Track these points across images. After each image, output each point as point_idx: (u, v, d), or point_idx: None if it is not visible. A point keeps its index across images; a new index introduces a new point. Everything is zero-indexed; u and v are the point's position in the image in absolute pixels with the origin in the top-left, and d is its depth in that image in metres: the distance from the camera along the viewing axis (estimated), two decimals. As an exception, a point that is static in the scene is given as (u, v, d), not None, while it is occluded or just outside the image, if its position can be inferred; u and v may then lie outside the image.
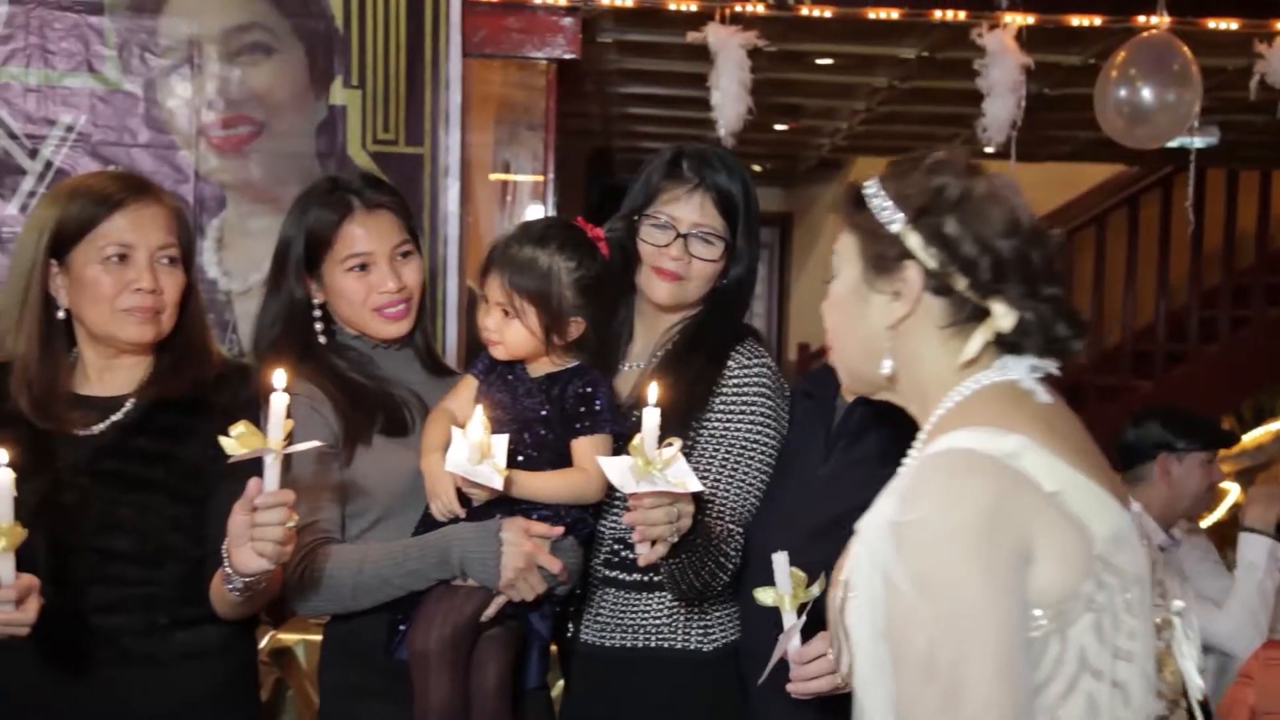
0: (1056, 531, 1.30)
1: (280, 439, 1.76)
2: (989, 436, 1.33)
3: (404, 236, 2.24)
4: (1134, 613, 1.34)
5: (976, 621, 1.26)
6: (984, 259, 1.39)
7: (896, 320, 1.43)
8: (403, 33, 3.66)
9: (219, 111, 3.60)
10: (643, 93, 5.79)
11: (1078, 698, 1.31)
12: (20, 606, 1.75)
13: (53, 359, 2.08)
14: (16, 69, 3.45)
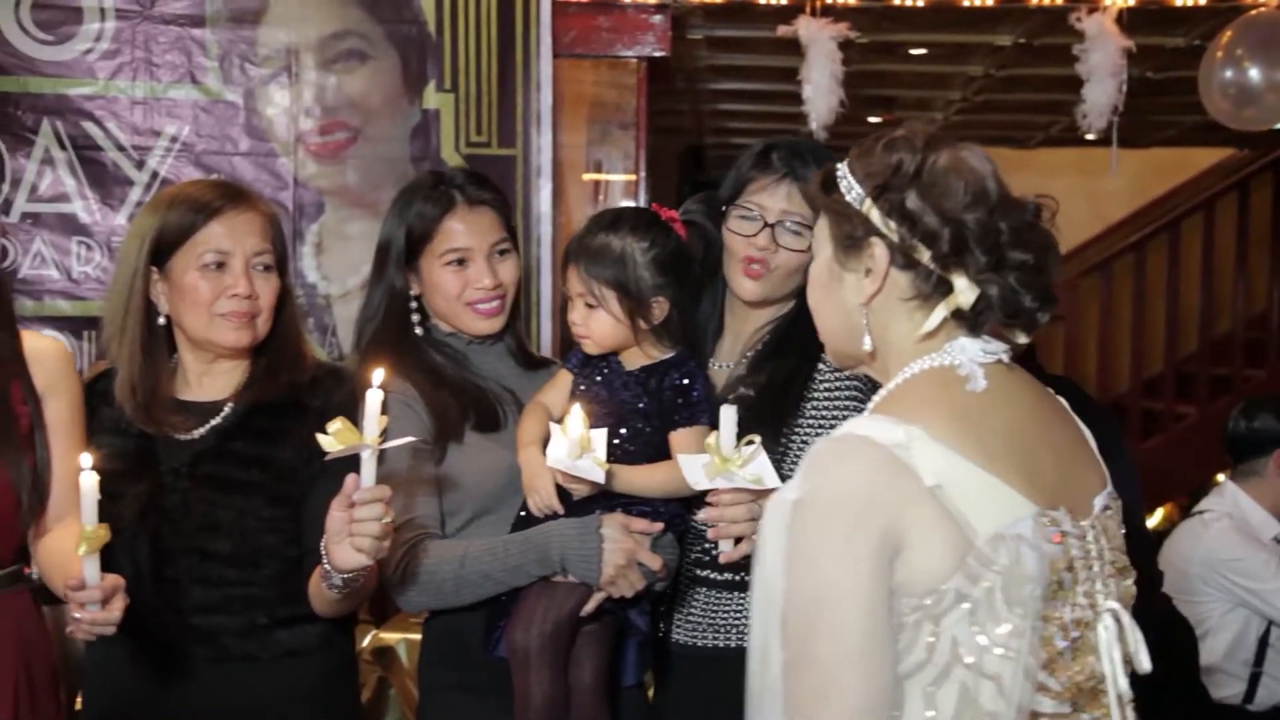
0: (930, 525, 1.33)
1: (376, 435, 1.78)
2: (883, 425, 1.37)
3: (503, 234, 2.26)
4: (1015, 609, 1.34)
5: (830, 599, 1.32)
6: (945, 230, 1.41)
7: (868, 297, 1.47)
8: (494, 35, 3.69)
9: (316, 118, 3.66)
10: (733, 88, 5.77)
11: (952, 685, 1.34)
12: (106, 606, 1.78)
13: (154, 365, 2.13)
14: (123, 82, 3.54)
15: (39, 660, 2.02)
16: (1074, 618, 1.41)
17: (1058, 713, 1.40)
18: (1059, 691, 1.40)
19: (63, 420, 2.02)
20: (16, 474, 1.95)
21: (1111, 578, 1.47)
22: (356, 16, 3.65)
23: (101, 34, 3.51)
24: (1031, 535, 1.36)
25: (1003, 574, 1.34)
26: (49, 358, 2.07)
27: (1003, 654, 1.34)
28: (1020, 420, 1.45)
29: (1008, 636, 1.34)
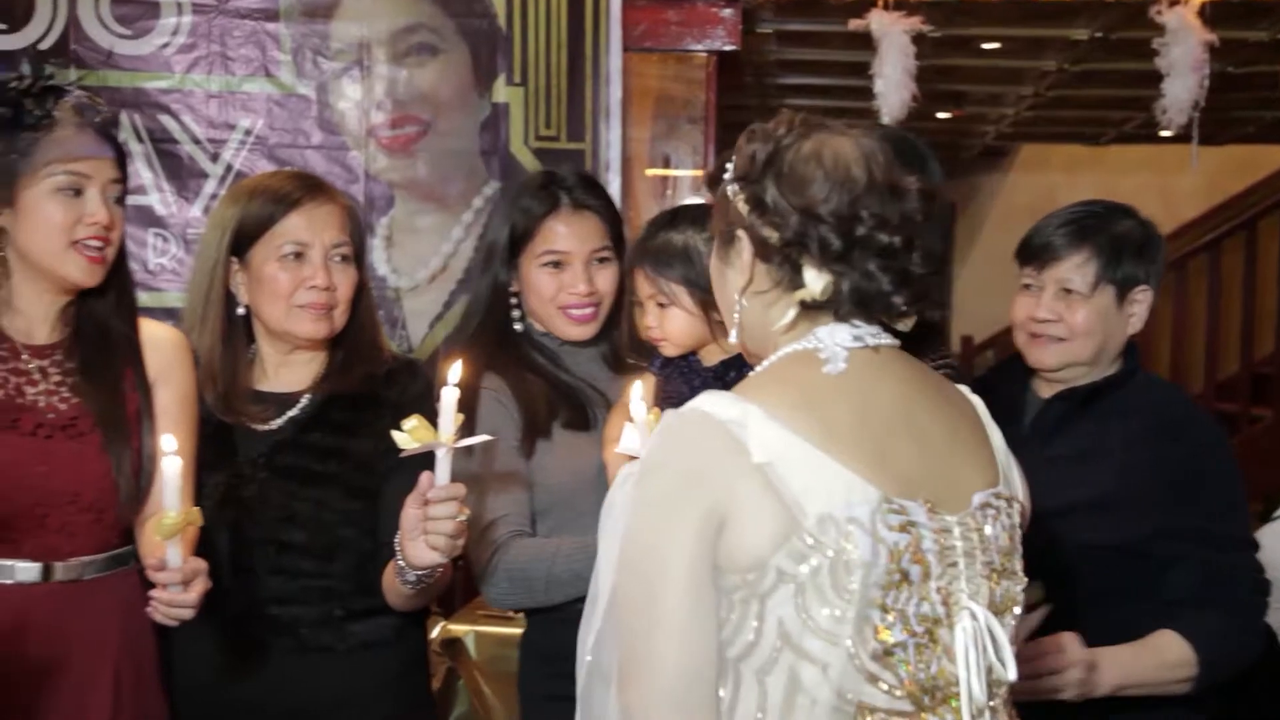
0: (754, 501, 1.33)
1: (451, 433, 1.78)
2: (723, 401, 1.38)
3: (605, 242, 2.26)
4: (841, 594, 1.33)
5: (651, 572, 1.34)
6: (791, 219, 1.40)
7: (740, 289, 1.47)
8: (564, 29, 3.69)
9: (387, 112, 3.68)
10: (802, 83, 5.73)
11: (781, 670, 1.34)
12: (186, 589, 1.79)
13: (233, 355, 2.15)
14: (199, 76, 3.58)
15: (142, 642, 2.04)
16: (920, 612, 1.37)
17: (894, 709, 1.36)
18: (894, 686, 1.36)
19: (171, 408, 2.03)
20: (119, 461, 1.97)
21: (984, 578, 1.41)
22: (428, 10, 3.66)
23: (178, 28, 3.56)
24: (868, 520, 1.34)
25: (829, 557, 1.32)
26: (163, 346, 2.08)
27: (827, 639, 1.33)
28: (879, 407, 1.42)
29: (831, 621, 1.33)
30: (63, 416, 1.97)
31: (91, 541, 1.98)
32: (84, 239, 1.96)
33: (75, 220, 1.95)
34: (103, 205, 1.96)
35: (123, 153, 2.05)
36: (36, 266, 1.98)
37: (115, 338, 2.04)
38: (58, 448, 1.94)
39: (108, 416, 1.98)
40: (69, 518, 1.95)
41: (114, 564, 2.02)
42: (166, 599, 1.78)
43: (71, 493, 1.93)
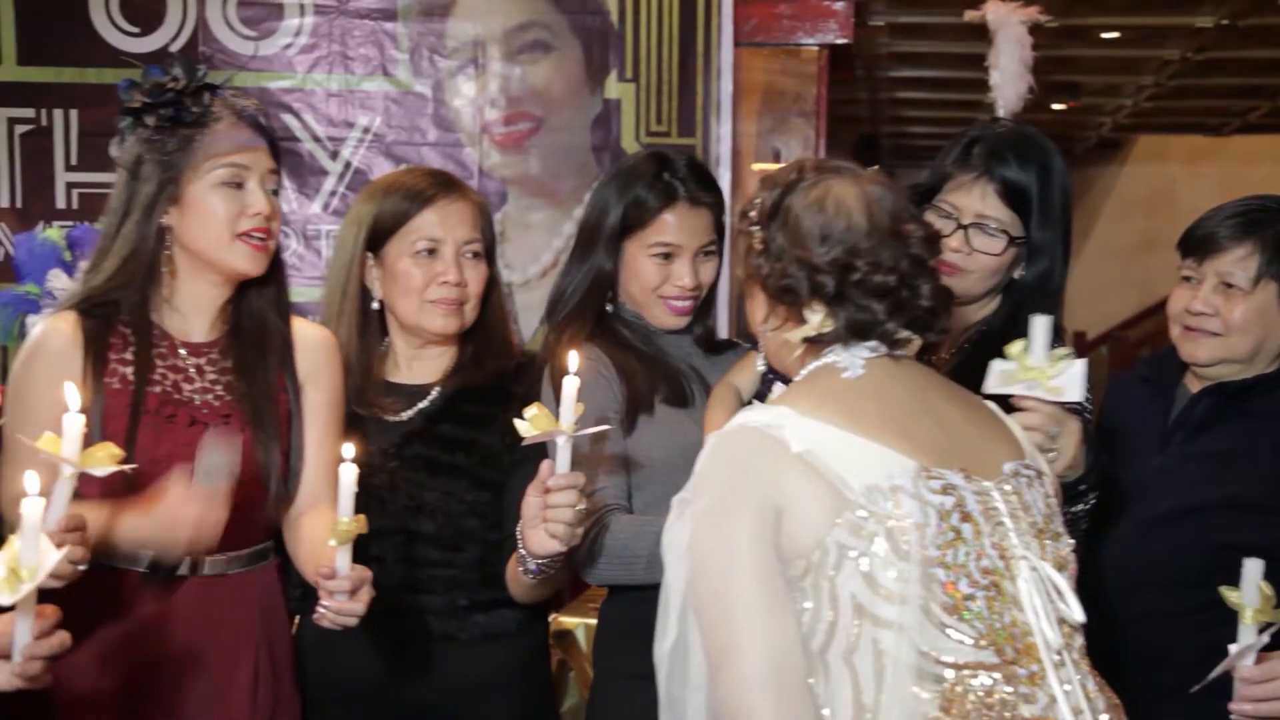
0: (801, 486, 1.44)
1: (572, 421, 1.79)
2: (754, 413, 1.53)
3: (712, 236, 2.27)
4: (902, 556, 1.43)
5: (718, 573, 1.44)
6: (792, 267, 1.55)
7: (761, 320, 1.63)
8: (675, 25, 3.69)
9: (501, 109, 3.72)
10: (913, 76, 5.68)
11: (865, 645, 1.42)
12: (353, 596, 1.81)
13: (368, 348, 2.20)
14: (320, 75, 3.66)
15: (279, 636, 2.10)
16: (981, 566, 1.47)
17: (980, 661, 1.44)
18: (975, 636, 1.44)
19: (321, 408, 2.08)
20: (266, 459, 2.02)
21: (1032, 536, 1.52)
22: (541, 8, 3.70)
23: (301, 29, 3.64)
24: (911, 486, 1.45)
25: (884, 524, 1.43)
26: (314, 346, 2.12)
27: (901, 601, 1.42)
28: (898, 398, 1.56)
29: (898, 583, 1.42)
30: (216, 413, 2.02)
31: (237, 537, 2.02)
32: (248, 230, 2.00)
33: (239, 212, 1.99)
34: (263, 195, 2.01)
35: (276, 144, 2.09)
36: (204, 260, 2.02)
37: (271, 335, 2.08)
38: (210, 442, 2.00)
39: (259, 415, 2.03)
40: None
41: (256, 559, 2.07)
42: (334, 607, 1.81)
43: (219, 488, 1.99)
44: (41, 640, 1.51)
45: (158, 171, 1.98)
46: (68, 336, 1.98)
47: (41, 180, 3.60)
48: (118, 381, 1.99)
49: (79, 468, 1.56)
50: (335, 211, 3.65)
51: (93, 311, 2.00)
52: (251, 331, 2.08)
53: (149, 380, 2.00)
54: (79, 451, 1.56)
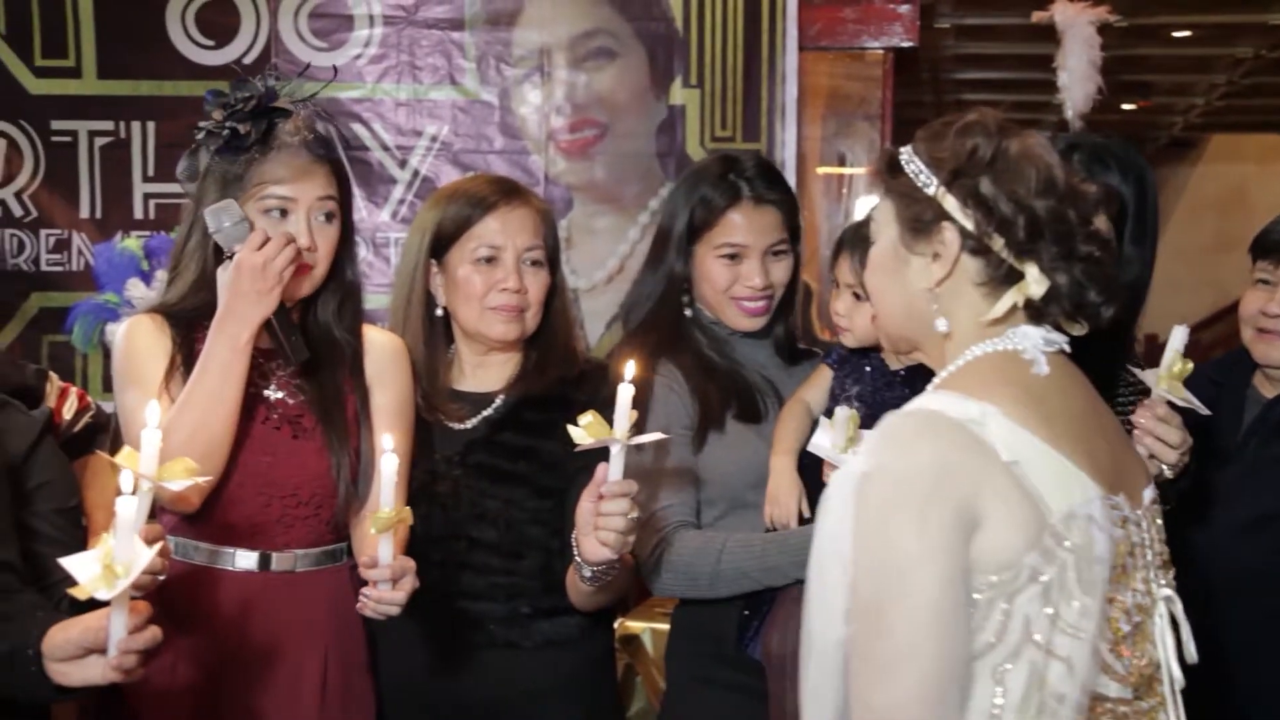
0: (1007, 500, 1.32)
1: (626, 430, 1.79)
2: (956, 401, 1.36)
3: (782, 235, 2.25)
4: (1087, 591, 1.34)
5: (903, 571, 1.30)
6: (1019, 218, 1.39)
7: (936, 281, 1.44)
8: (740, 30, 3.70)
9: (566, 116, 3.75)
10: (980, 78, 5.63)
11: (1021, 666, 1.32)
12: (396, 586, 1.83)
13: (433, 355, 2.22)
14: (389, 85, 3.71)
15: (351, 633, 2.13)
16: (1134, 603, 1.40)
17: (1121, 698, 1.39)
18: (1124, 675, 1.39)
19: (388, 411, 2.10)
20: (337, 460, 2.06)
21: (1159, 569, 1.46)
22: (606, 15, 3.72)
23: (370, 40, 3.69)
24: (1100, 516, 1.36)
25: (1075, 553, 1.33)
26: (381, 350, 2.15)
27: (1073, 634, 1.33)
28: (1079, 407, 1.44)
29: (1079, 616, 1.33)
30: (290, 412, 2.07)
31: (307, 536, 2.07)
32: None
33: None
34: (305, 226, 2.03)
35: (340, 167, 2.11)
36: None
37: (337, 340, 2.13)
38: (282, 442, 2.04)
39: (328, 417, 2.07)
40: (288, 510, 2.04)
41: (326, 559, 2.10)
42: (375, 595, 1.83)
43: (292, 486, 2.02)
44: (135, 634, 1.55)
45: (216, 192, 2.02)
46: (157, 324, 2.05)
47: (120, 191, 3.69)
48: None
49: (156, 482, 1.60)
50: (403, 219, 3.70)
51: (176, 317, 2.06)
52: (319, 337, 2.12)
53: None
54: (156, 466, 1.60)
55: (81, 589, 1.48)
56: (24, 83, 3.64)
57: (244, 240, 1.96)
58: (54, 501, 1.99)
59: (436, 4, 3.69)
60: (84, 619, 1.61)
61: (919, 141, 1.47)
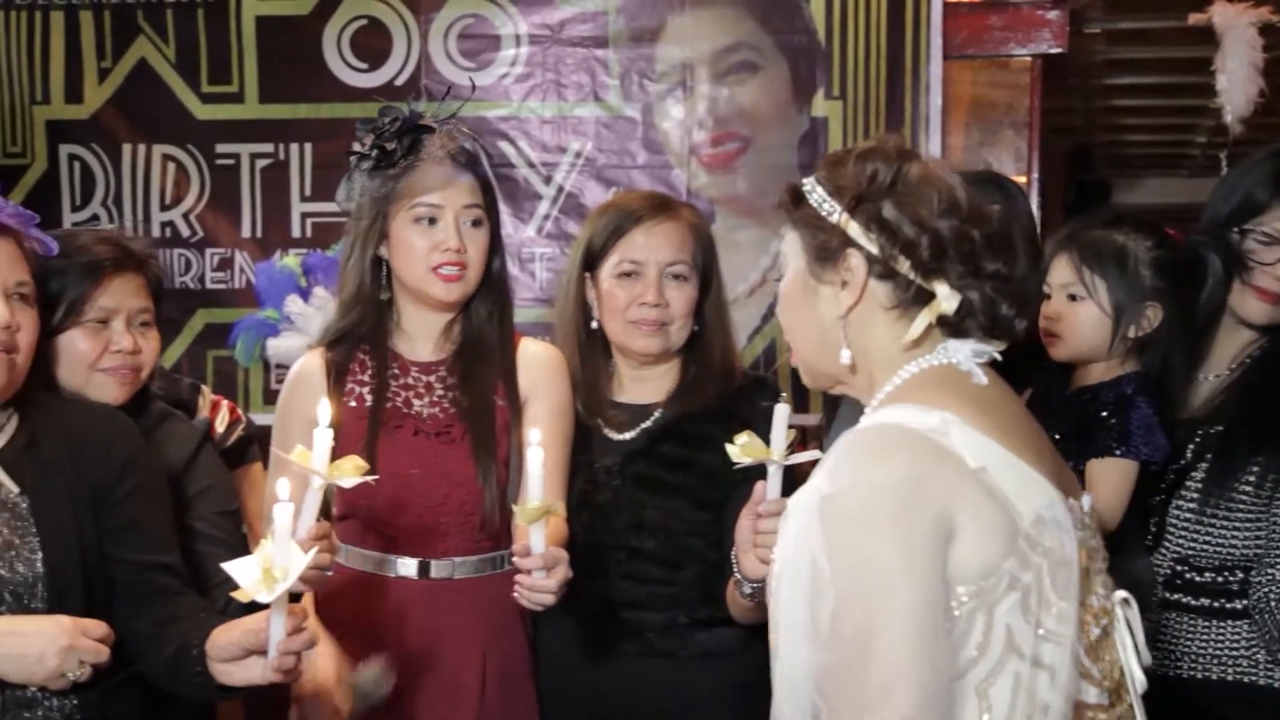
0: (979, 507, 1.30)
1: (783, 449, 1.80)
2: (916, 412, 1.35)
3: None
4: (1062, 595, 1.33)
5: (888, 592, 1.26)
6: (923, 239, 1.40)
7: (846, 309, 1.44)
8: (883, 40, 3.67)
9: (709, 130, 3.76)
10: (1132, 83, 5.47)
11: (1005, 678, 1.30)
12: (548, 575, 1.85)
13: (591, 366, 2.26)
14: (534, 103, 3.78)
15: (512, 639, 2.18)
16: (1100, 606, 1.41)
17: (1099, 704, 1.39)
18: (1100, 680, 1.39)
19: (542, 421, 2.15)
20: (485, 468, 2.11)
21: (1106, 573, 1.46)
22: (748, 28, 3.72)
23: (516, 59, 3.76)
24: (1063, 519, 1.36)
25: (1048, 557, 1.32)
26: (537, 362, 2.21)
27: (1055, 640, 1.32)
28: (1020, 415, 1.45)
29: (1058, 622, 1.32)
30: (439, 424, 2.14)
31: (463, 543, 2.12)
32: (439, 264, 2.11)
33: (432, 247, 2.11)
34: (454, 231, 2.11)
35: (484, 178, 2.19)
36: (410, 290, 2.16)
37: (489, 351, 2.18)
38: (431, 452, 2.11)
39: (476, 426, 2.13)
40: (441, 519, 2.10)
41: (485, 566, 2.16)
42: (529, 584, 1.86)
43: (442, 494, 2.08)
44: (294, 636, 1.61)
45: (370, 209, 2.12)
46: (314, 368, 2.15)
47: (278, 211, 3.82)
48: (354, 400, 2.13)
49: (327, 479, 1.66)
50: (549, 234, 3.77)
51: (336, 343, 2.16)
52: (472, 349, 2.18)
53: (384, 398, 2.12)
54: (328, 464, 1.66)
55: (243, 592, 1.55)
56: (191, 109, 3.81)
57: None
58: (216, 505, 2.10)
59: (581, 22, 3.75)
60: (245, 621, 1.68)
61: (821, 170, 1.49)
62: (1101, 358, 2.06)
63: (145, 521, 1.88)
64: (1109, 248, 2.02)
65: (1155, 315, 2.03)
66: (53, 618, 1.73)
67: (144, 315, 2.10)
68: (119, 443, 1.90)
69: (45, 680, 1.71)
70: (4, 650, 1.68)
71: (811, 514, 1.32)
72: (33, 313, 1.87)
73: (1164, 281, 2.02)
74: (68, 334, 2.02)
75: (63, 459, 1.84)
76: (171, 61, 3.79)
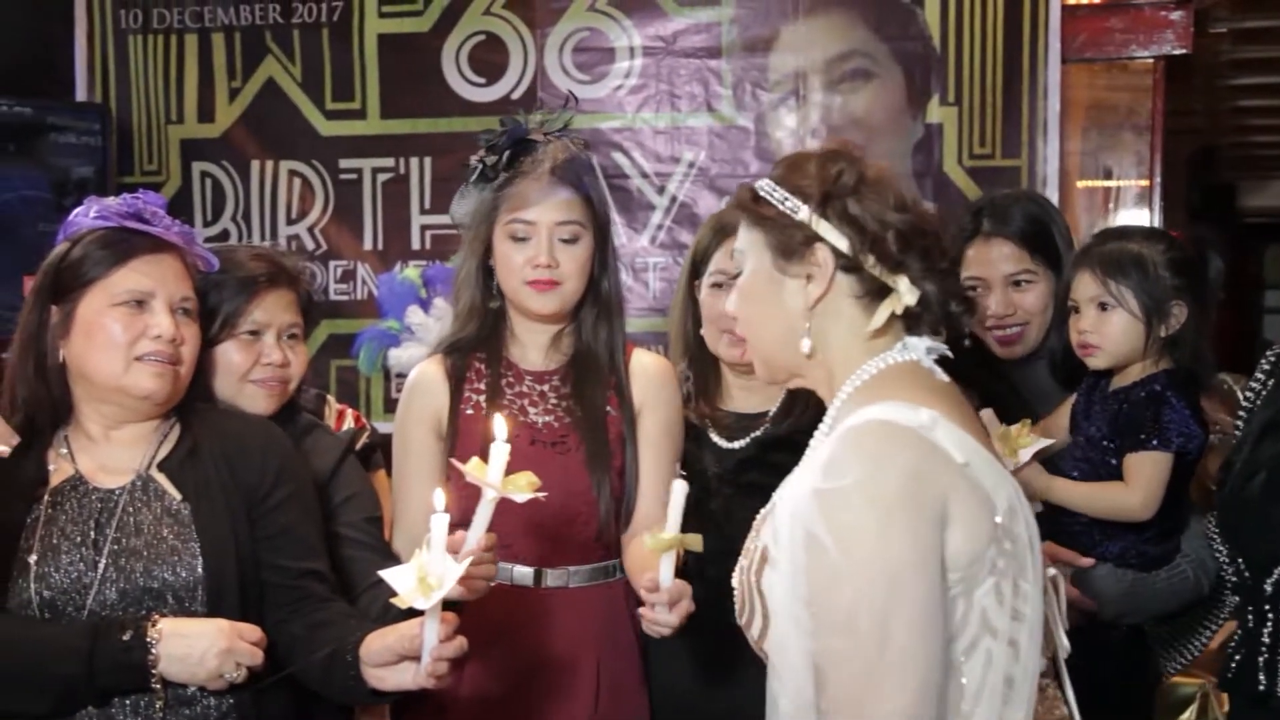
0: (967, 499, 1.38)
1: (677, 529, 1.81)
2: (904, 410, 1.41)
3: (1022, 266, 2.29)
4: (1026, 576, 1.42)
5: (903, 578, 1.33)
6: (888, 234, 1.47)
7: (814, 300, 1.50)
8: (1000, 45, 3.63)
9: (822, 138, 3.74)
10: (1258, 83, 5.32)
11: (978, 655, 1.39)
12: (671, 609, 1.88)
13: (704, 373, 2.29)
14: (648, 114, 3.82)
15: (625, 648, 2.20)
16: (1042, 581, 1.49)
17: (1044, 671, 1.50)
18: (1044, 650, 1.48)
19: (653, 433, 2.19)
20: (599, 479, 2.15)
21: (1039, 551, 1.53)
22: (862, 36, 3.72)
23: (630, 71, 3.81)
24: (1022, 507, 1.44)
25: (1016, 543, 1.41)
26: (648, 374, 2.23)
27: (1022, 620, 1.41)
28: (971, 410, 1.52)
29: (1024, 603, 1.41)
30: (554, 434, 2.17)
31: (577, 553, 2.15)
32: (531, 280, 2.16)
33: (524, 261, 2.16)
34: (545, 247, 2.14)
35: (586, 193, 2.19)
36: (511, 302, 2.21)
37: (600, 362, 2.22)
38: (546, 461, 2.14)
39: (590, 437, 2.16)
40: (556, 529, 2.14)
41: (598, 575, 2.18)
42: (650, 617, 1.90)
43: (558, 504, 2.11)
44: (447, 643, 1.65)
45: (477, 221, 2.16)
46: (433, 375, 2.19)
47: (399, 223, 3.93)
48: (471, 408, 2.17)
49: (501, 493, 1.70)
50: (662, 244, 3.80)
51: (454, 351, 2.21)
52: (584, 359, 2.21)
53: (497, 406, 2.16)
54: (502, 478, 1.70)
55: (401, 599, 1.59)
56: (316, 126, 3.93)
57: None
58: (363, 512, 2.15)
59: (694, 33, 3.78)
60: (399, 627, 1.73)
61: (778, 172, 1.55)
62: (1138, 359, 2.12)
63: (297, 529, 1.94)
64: (1127, 256, 2.09)
65: (1181, 312, 2.09)
66: (212, 621, 1.80)
67: (294, 329, 2.16)
68: (273, 452, 1.97)
69: (205, 680, 1.77)
70: (169, 651, 1.75)
71: (809, 508, 1.38)
72: (195, 327, 1.95)
73: (1182, 279, 2.08)
74: (222, 346, 2.09)
75: (221, 467, 1.91)
76: (297, 80, 3.92)
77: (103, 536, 1.84)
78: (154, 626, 1.76)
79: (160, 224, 1.94)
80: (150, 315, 1.88)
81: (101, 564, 1.82)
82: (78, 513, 1.86)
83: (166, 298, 1.89)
